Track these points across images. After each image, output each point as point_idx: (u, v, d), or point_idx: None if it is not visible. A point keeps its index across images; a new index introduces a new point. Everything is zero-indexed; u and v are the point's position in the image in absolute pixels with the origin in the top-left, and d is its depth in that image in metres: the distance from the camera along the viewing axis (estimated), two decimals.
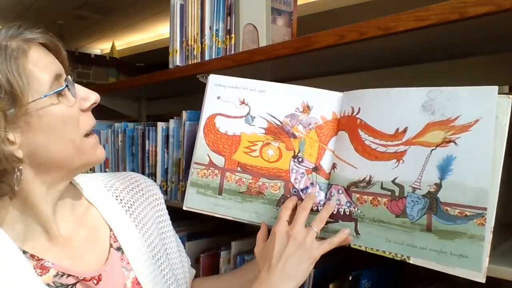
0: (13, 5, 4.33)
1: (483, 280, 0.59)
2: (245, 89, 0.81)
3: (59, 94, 0.58)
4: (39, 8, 4.43)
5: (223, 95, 0.81)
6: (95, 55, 5.97)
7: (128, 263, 0.66)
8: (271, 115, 0.79)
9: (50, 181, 0.61)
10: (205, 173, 0.81)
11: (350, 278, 0.90)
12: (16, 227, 0.60)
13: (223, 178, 0.80)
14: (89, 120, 0.63)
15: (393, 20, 0.73)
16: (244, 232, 1.36)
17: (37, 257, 0.60)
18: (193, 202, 0.81)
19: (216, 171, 0.81)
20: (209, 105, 0.82)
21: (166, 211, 0.80)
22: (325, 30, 0.84)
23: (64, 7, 4.43)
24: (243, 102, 0.80)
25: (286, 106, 0.78)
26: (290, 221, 0.72)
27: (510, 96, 0.59)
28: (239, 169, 0.80)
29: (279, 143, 0.78)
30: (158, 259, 0.70)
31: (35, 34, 0.59)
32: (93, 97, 0.63)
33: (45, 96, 0.56)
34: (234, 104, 0.81)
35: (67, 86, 0.59)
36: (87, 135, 0.62)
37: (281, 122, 0.78)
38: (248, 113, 0.80)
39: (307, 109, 0.77)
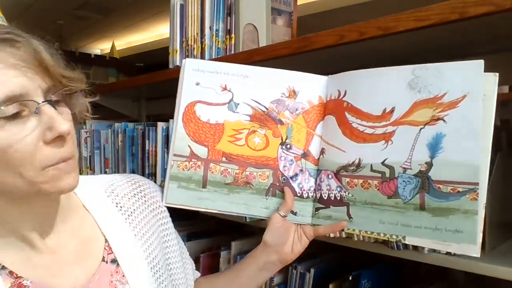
0: (13, 5, 4.32)
1: (478, 254, 0.60)
2: (226, 74, 0.76)
3: (8, 119, 0.50)
4: (39, 8, 4.42)
5: (203, 80, 0.76)
6: (95, 55, 5.95)
7: (123, 276, 0.63)
8: (256, 101, 0.76)
9: (11, 204, 0.55)
10: (186, 165, 0.76)
11: (350, 278, 0.90)
12: None
13: (207, 169, 0.76)
14: (53, 153, 0.53)
15: (393, 20, 0.73)
16: (244, 232, 1.36)
17: (16, 274, 0.56)
18: (174, 197, 0.76)
19: (199, 163, 0.76)
20: (187, 92, 0.76)
21: (169, 218, 0.76)
22: (325, 30, 0.84)
23: (64, 7, 4.43)
24: (225, 88, 0.76)
25: (271, 91, 0.76)
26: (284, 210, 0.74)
27: (497, 74, 0.59)
28: (224, 159, 0.76)
29: (265, 130, 0.76)
30: (157, 271, 0.67)
31: (8, 47, 0.50)
32: (58, 130, 0.52)
33: None
34: (215, 90, 0.76)
35: (10, 116, 0.50)
36: (49, 166, 0.53)
37: (266, 108, 0.76)
38: (231, 100, 0.76)
39: (293, 94, 0.75)
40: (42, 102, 0.52)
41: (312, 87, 0.75)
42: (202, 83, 0.76)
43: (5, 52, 0.50)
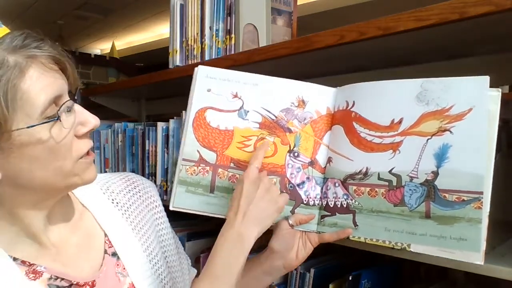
0: (13, 5, 4.33)
1: (482, 262, 0.61)
2: (237, 82, 0.77)
3: (51, 121, 0.54)
4: (39, 8, 4.43)
5: (214, 88, 0.77)
6: (95, 55, 5.97)
7: (124, 268, 0.65)
8: (265, 109, 0.77)
9: (34, 200, 0.58)
10: (195, 170, 0.77)
11: (350, 278, 0.90)
12: (2, 236, 0.59)
13: (215, 175, 0.77)
14: (85, 144, 0.59)
15: (393, 20, 0.73)
16: None
17: (28, 262, 0.59)
18: (182, 201, 0.77)
19: (207, 168, 0.77)
20: (199, 98, 0.77)
21: (164, 213, 0.78)
22: (325, 30, 0.84)
23: (64, 7, 4.43)
24: (236, 96, 0.77)
25: (281, 100, 0.77)
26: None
27: (499, 89, 0.61)
28: (232, 165, 0.77)
29: (274, 138, 0.77)
30: (156, 263, 0.69)
31: (39, 51, 0.54)
32: (92, 123, 0.58)
33: (31, 126, 0.52)
34: (227, 98, 0.77)
35: (59, 118, 0.54)
36: (81, 156, 0.58)
37: (276, 117, 0.77)
38: (242, 107, 0.77)
39: (302, 103, 0.76)
40: (73, 100, 0.57)
41: (320, 97, 0.76)
42: (214, 90, 0.77)
43: (42, 57, 0.54)
